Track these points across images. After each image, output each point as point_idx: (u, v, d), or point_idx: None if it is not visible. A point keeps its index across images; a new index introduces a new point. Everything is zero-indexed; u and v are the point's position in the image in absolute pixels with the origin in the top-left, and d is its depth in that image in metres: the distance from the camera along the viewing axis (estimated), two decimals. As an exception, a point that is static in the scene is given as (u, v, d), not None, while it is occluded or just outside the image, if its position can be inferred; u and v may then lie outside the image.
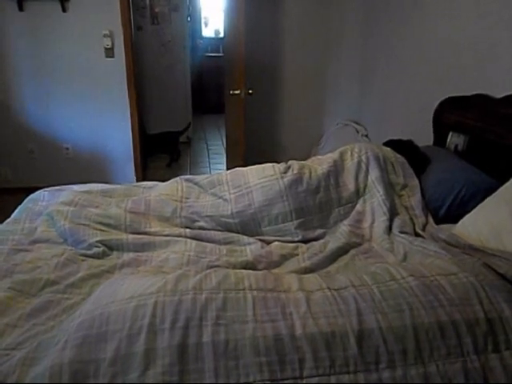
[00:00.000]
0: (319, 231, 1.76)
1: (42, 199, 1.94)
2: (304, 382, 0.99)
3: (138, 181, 3.74)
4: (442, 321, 1.09)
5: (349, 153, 1.96)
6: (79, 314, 1.08)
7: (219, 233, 1.73)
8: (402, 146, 2.10)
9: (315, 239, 1.74)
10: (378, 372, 1.02)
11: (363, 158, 1.92)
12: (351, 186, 1.86)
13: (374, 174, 1.87)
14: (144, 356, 0.97)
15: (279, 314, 1.07)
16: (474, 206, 1.70)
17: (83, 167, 3.81)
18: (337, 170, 1.89)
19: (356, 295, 1.13)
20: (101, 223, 1.69)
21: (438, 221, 1.81)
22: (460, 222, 1.68)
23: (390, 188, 1.85)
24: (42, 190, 2.02)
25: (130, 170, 3.88)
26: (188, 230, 1.73)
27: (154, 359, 0.97)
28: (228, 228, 1.77)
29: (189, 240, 1.66)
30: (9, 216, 1.86)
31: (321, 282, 1.20)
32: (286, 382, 0.99)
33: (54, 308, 1.26)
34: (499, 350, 1.08)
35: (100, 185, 2.09)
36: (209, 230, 1.76)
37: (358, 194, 1.85)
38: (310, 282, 1.21)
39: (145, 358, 0.97)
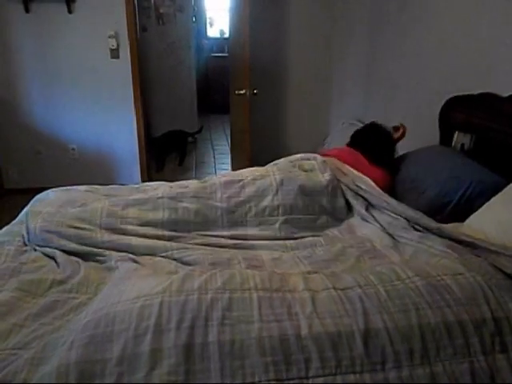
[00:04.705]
0: (305, 231, 1.75)
1: (48, 199, 1.94)
2: (310, 381, 0.99)
3: (143, 181, 3.75)
4: (448, 321, 1.08)
5: None
6: (85, 314, 1.09)
7: (206, 254, 1.58)
8: (367, 132, 2.26)
9: (300, 238, 1.73)
10: (384, 372, 1.02)
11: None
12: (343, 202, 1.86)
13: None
14: (150, 356, 0.97)
15: (285, 313, 1.07)
16: (481, 204, 1.69)
17: (89, 168, 3.83)
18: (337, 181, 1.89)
19: (362, 295, 1.13)
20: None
21: (445, 218, 1.81)
22: (467, 221, 1.67)
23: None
24: (48, 191, 2.02)
25: (136, 170, 3.89)
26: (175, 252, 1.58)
27: (160, 359, 0.97)
28: (213, 214, 1.74)
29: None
30: (16, 216, 1.87)
31: (326, 281, 1.19)
32: (291, 381, 0.99)
33: (61, 308, 1.26)
34: (506, 350, 1.08)
35: (107, 187, 2.08)
36: (189, 231, 1.69)
37: (351, 211, 1.85)
38: (315, 281, 1.20)
39: (151, 358, 0.97)
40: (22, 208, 1.92)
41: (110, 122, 3.75)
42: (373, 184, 1.90)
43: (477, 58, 2.21)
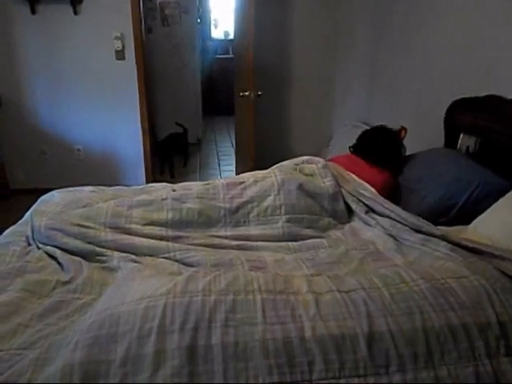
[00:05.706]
0: (307, 231, 1.75)
1: (54, 200, 1.95)
2: (313, 384, 0.99)
3: (148, 183, 3.76)
4: (453, 324, 1.08)
5: None
6: (90, 315, 1.09)
7: (208, 255, 1.57)
8: (374, 134, 2.26)
9: (301, 239, 1.72)
10: (388, 375, 1.01)
11: None
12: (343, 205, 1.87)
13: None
14: (154, 357, 0.98)
15: (288, 316, 1.07)
16: (487, 206, 1.69)
17: (94, 169, 3.85)
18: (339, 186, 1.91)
19: (366, 298, 1.12)
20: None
21: (450, 220, 1.81)
22: (472, 224, 1.67)
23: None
24: (53, 192, 2.03)
25: (141, 172, 3.90)
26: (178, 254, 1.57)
27: (164, 360, 0.98)
28: (216, 214, 1.75)
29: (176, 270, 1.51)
30: (22, 217, 1.88)
31: (330, 284, 1.19)
32: (295, 384, 0.99)
33: (66, 308, 1.27)
34: (511, 353, 1.07)
35: (112, 188, 2.09)
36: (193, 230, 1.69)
37: (352, 215, 1.86)
38: (319, 284, 1.20)
39: (155, 359, 0.97)
40: (28, 209, 1.93)
41: (115, 124, 3.76)
42: (375, 192, 1.91)
43: (482, 61, 2.21)
